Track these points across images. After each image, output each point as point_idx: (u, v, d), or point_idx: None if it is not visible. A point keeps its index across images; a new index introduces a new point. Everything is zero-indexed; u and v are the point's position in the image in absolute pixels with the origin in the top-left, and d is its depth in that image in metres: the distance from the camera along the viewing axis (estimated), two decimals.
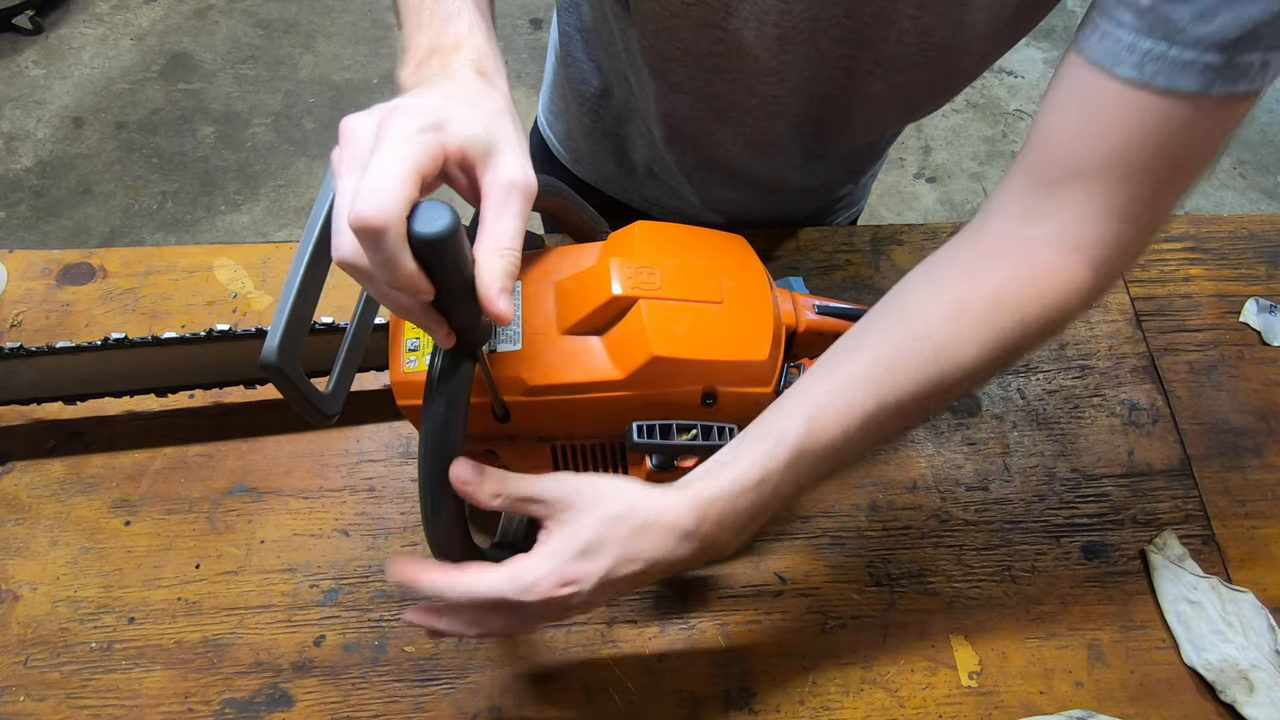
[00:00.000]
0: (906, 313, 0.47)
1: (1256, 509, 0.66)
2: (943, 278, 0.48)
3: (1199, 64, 0.39)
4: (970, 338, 0.45)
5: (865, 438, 0.45)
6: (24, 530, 0.62)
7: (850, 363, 0.46)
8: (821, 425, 0.44)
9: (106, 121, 2.04)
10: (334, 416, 0.46)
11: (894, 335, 0.46)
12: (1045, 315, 0.46)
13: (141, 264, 0.73)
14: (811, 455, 0.44)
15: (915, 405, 0.45)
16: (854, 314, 0.59)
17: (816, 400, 0.45)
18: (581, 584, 0.42)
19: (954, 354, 0.45)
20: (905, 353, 0.45)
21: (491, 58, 0.43)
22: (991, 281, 0.46)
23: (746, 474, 0.44)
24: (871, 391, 0.45)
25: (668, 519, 0.43)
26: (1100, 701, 0.58)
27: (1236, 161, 2.09)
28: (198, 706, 0.56)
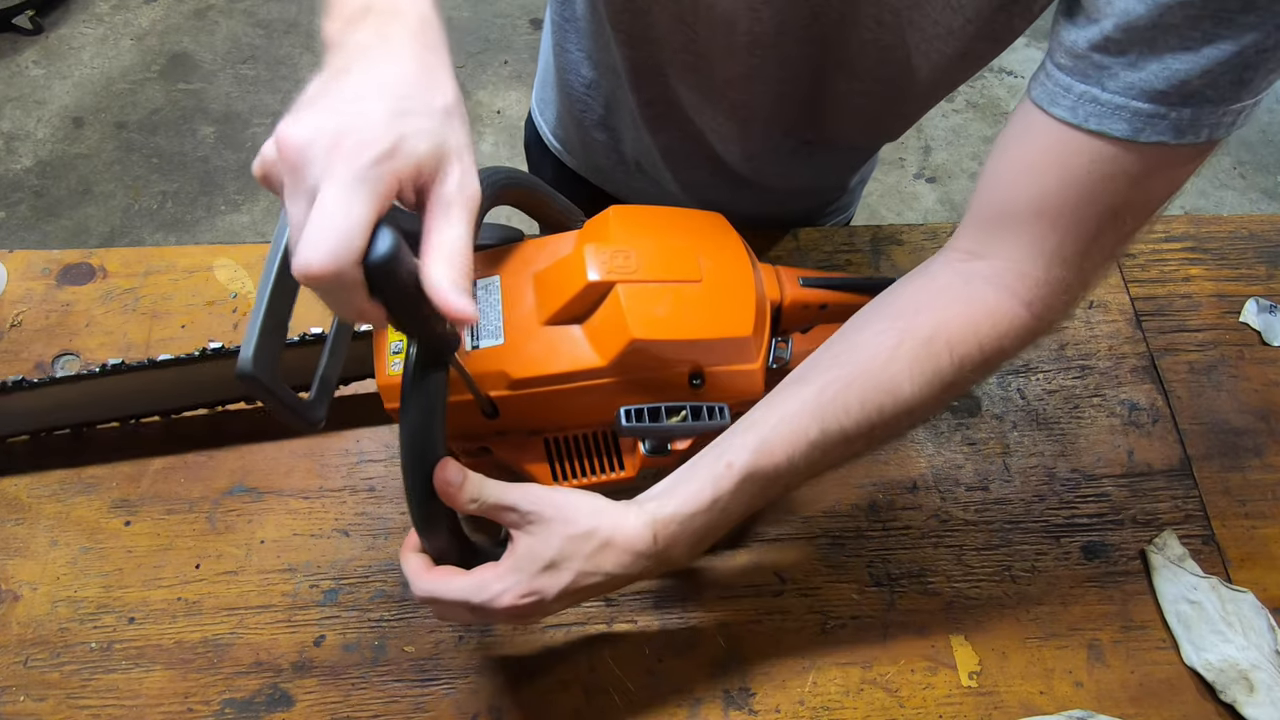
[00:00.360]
0: (852, 349, 0.49)
1: (1256, 509, 0.66)
2: (887, 315, 0.50)
3: (1128, 110, 0.40)
4: (906, 373, 0.47)
5: (810, 464, 0.47)
6: (24, 530, 0.62)
7: (797, 395, 0.48)
8: (768, 451, 0.47)
9: (106, 121, 2.04)
10: (319, 423, 0.46)
11: (838, 369, 0.48)
12: (981, 353, 0.47)
13: (141, 264, 0.73)
14: (759, 479, 0.47)
15: (859, 434, 0.47)
16: (841, 284, 0.59)
17: (764, 429, 0.47)
18: (543, 595, 0.45)
19: (892, 389, 0.47)
20: (847, 385, 0.47)
21: (435, 26, 0.41)
22: (929, 320, 0.48)
23: (698, 497, 0.47)
24: (815, 420, 0.47)
25: (625, 538, 0.46)
26: (1100, 701, 0.58)
27: (1236, 161, 2.09)
28: (198, 706, 0.56)
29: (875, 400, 0.47)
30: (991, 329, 0.47)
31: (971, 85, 2.21)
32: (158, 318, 0.71)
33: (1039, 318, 0.48)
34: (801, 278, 0.59)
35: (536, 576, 0.45)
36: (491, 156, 2.03)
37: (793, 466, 0.47)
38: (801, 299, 0.58)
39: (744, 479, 0.46)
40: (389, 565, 0.61)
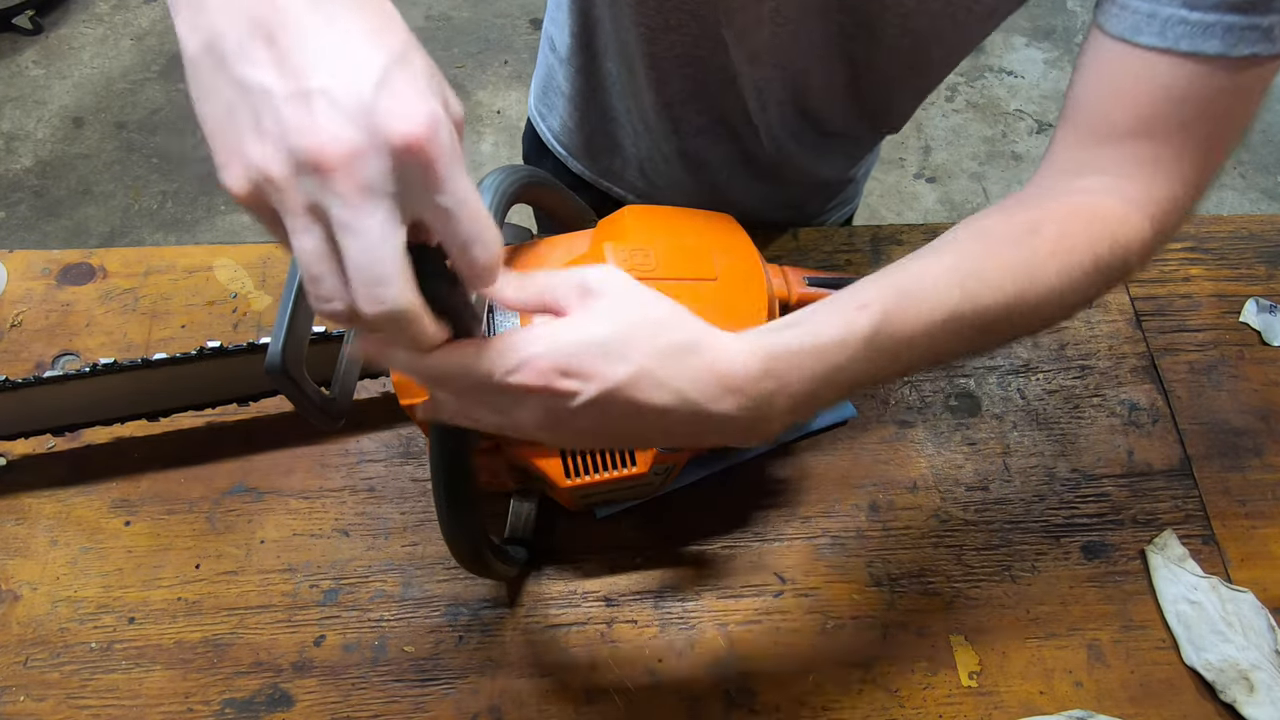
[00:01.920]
0: (985, 232, 0.45)
1: (1256, 509, 0.66)
2: (1009, 209, 0.46)
3: (1220, 25, 0.41)
4: (1048, 257, 0.43)
5: (946, 338, 0.41)
6: (24, 530, 0.62)
7: (931, 263, 0.42)
8: (908, 307, 0.40)
9: (106, 121, 2.04)
10: (341, 420, 0.46)
11: (976, 245, 0.44)
12: (1113, 256, 0.45)
13: (141, 264, 0.73)
14: (892, 338, 0.39)
15: (998, 318, 0.42)
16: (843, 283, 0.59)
17: (904, 279, 0.41)
18: (587, 382, 0.34)
19: (1033, 270, 0.43)
20: (988, 260, 0.43)
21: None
22: (1061, 213, 0.45)
23: (826, 331, 0.38)
24: (958, 290, 0.41)
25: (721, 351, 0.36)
26: (1100, 701, 0.58)
27: (1236, 161, 2.09)
28: (198, 706, 0.56)
29: (1017, 282, 0.42)
30: (1123, 235, 0.45)
31: (971, 85, 2.21)
32: (158, 318, 0.71)
33: (1159, 232, 0.46)
34: (807, 277, 0.59)
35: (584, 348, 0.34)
36: (491, 156, 2.03)
37: (930, 335, 0.40)
38: (808, 298, 0.58)
39: (879, 325, 0.39)
40: (389, 565, 0.61)
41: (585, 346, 0.34)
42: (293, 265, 0.40)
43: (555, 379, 0.34)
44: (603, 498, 0.59)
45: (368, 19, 0.29)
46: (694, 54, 0.62)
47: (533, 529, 0.59)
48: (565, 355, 0.34)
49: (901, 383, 0.70)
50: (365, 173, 0.27)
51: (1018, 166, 2.07)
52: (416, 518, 0.63)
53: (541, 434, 0.37)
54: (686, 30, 0.60)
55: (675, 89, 0.66)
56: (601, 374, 0.34)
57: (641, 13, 0.60)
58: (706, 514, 0.64)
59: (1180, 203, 0.46)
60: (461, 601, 0.60)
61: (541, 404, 0.35)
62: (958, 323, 0.41)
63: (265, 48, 0.27)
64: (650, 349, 0.35)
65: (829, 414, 0.68)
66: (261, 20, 0.27)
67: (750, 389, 0.37)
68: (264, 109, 0.27)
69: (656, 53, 0.62)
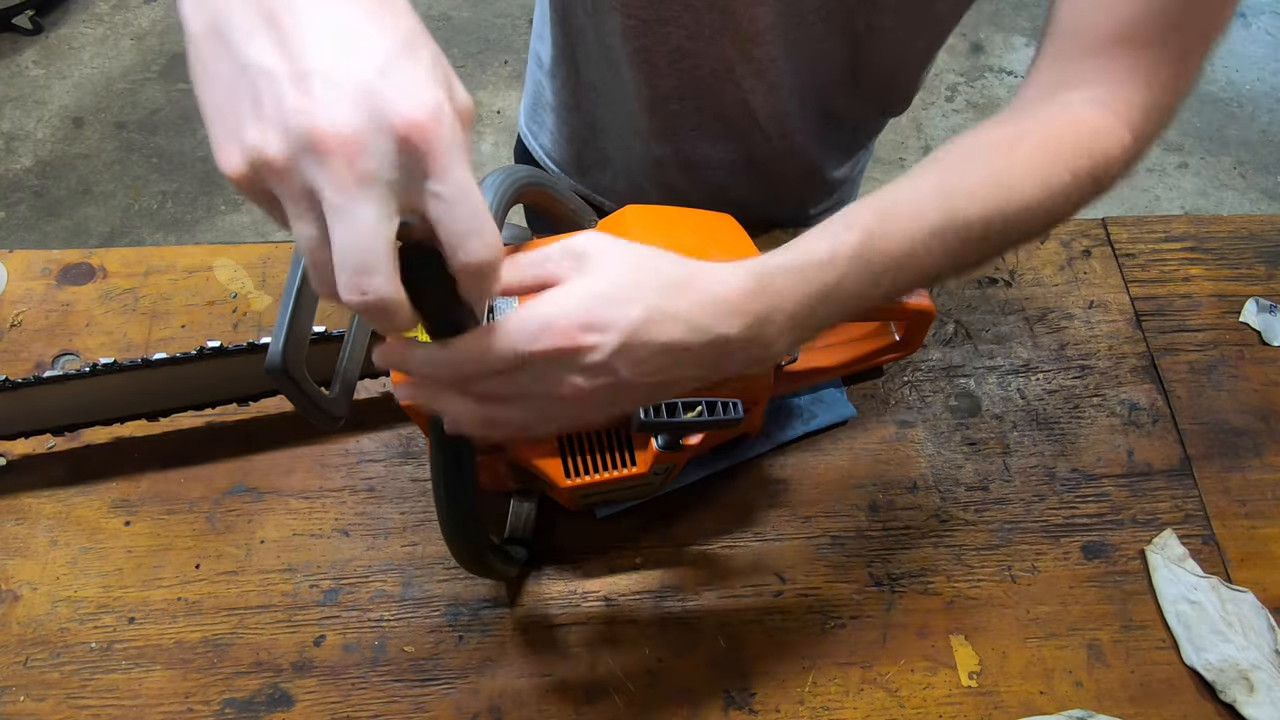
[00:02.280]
0: (969, 151, 0.46)
1: (1256, 509, 0.66)
2: (992, 124, 0.48)
3: None
4: (1028, 169, 0.44)
5: (930, 255, 0.42)
6: (24, 530, 0.62)
7: (915, 181, 0.44)
8: (892, 222, 0.41)
9: (106, 121, 2.04)
10: (341, 420, 0.46)
11: (957, 164, 0.45)
12: (1092, 166, 0.46)
13: (141, 264, 0.73)
14: (879, 253, 0.41)
15: (980, 233, 0.43)
16: None
17: (885, 201, 0.42)
18: (608, 332, 0.35)
19: (1013, 184, 0.44)
20: (968, 177, 0.44)
21: None
22: (1040, 127, 0.46)
23: (814, 251, 0.40)
24: (939, 206, 0.42)
25: (717, 277, 0.38)
26: (1100, 701, 0.58)
27: (1236, 161, 2.09)
28: (198, 706, 0.56)
29: (996, 197, 0.43)
30: (1102, 146, 0.46)
31: (971, 85, 2.21)
32: (158, 318, 0.71)
33: (1139, 139, 0.47)
34: None
35: (596, 302, 0.35)
36: (491, 156, 2.03)
37: (913, 252, 0.42)
38: None
39: (864, 242, 0.40)
40: (389, 565, 0.61)
41: (596, 299, 0.35)
42: (292, 266, 0.40)
43: (579, 335, 0.35)
44: (603, 498, 0.59)
45: (375, 5, 0.28)
46: (689, 46, 0.62)
47: (533, 529, 0.59)
48: (581, 311, 0.35)
49: (901, 382, 0.70)
50: (363, 158, 0.27)
51: None
52: (416, 518, 0.63)
53: (570, 411, 0.38)
54: (680, 22, 0.60)
55: (669, 85, 0.66)
56: (618, 320, 0.35)
57: (633, 6, 0.60)
58: (706, 514, 0.64)
59: (1161, 108, 0.47)
60: (461, 601, 0.60)
61: (567, 372, 0.36)
62: (940, 238, 0.42)
63: (268, 30, 0.27)
64: (655, 288, 0.36)
65: (829, 414, 0.68)
66: (266, 3, 0.27)
67: (749, 307, 0.38)
68: (264, 91, 0.27)
69: (649, 46, 0.62)
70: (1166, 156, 2.09)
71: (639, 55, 0.64)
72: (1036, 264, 0.77)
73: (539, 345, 0.34)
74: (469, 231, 0.30)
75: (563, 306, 0.35)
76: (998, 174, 0.44)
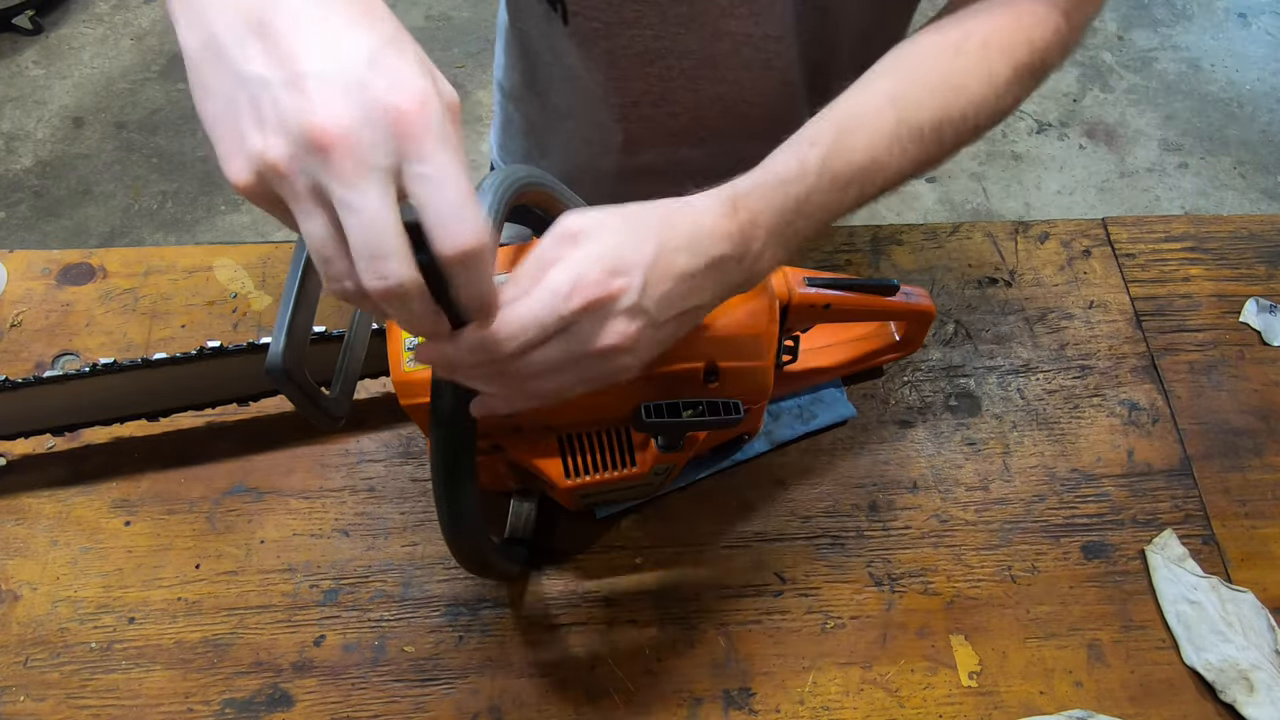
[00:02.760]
0: (908, 56, 0.49)
1: (1256, 509, 0.66)
2: (933, 29, 0.50)
3: None
4: (970, 68, 0.47)
5: (891, 160, 0.45)
6: (24, 530, 0.62)
7: (868, 92, 0.47)
8: (851, 135, 0.44)
9: (106, 121, 2.04)
10: (341, 420, 0.46)
11: (901, 72, 0.48)
12: (1032, 59, 0.48)
13: (141, 264, 0.73)
14: (844, 163, 0.44)
15: (934, 136, 0.46)
16: (845, 284, 0.59)
17: (842, 116, 0.45)
18: (630, 273, 0.37)
19: (961, 84, 0.47)
20: (915, 83, 0.47)
21: None
22: (981, 25, 0.48)
23: (781, 167, 0.43)
24: (894, 115, 0.45)
25: (694, 206, 0.40)
26: (1100, 701, 0.58)
27: (1236, 161, 2.09)
28: (198, 706, 0.56)
29: (944, 97, 0.46)
30: (1040, 34, 0.48)
31: None
32: (158, 318, 0.71)
33: (1074, 27, 0.49)
34: (806, 278, 0.59)
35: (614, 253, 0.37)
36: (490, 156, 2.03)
37: (872, 155, 0.44)
38: (808, 299, 0.58)
39: (828, 155, 0.43)
40: (389, 565, 0.61)
41: (611, 249, 0.37)
42: (292, 266, 0.40)
43: (609, 281, 0.36)
44: (603, 498, 0.59)
45: (357, 7, 0.30)
46: (656, 46, 0.62)
47: (533, 529, 0.59)
48: (603, 261, 0.37)
49: (901, 382, 0.70)
50: (362, 148, 0.28)
51: (1018, 166, 2.07)
52: (416, 518, 0.63)
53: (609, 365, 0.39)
54: (644, 23, 0.60)
55: (638, 89, 0.66)
56: (637, 261, 0.37)
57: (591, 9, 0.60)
58: (706, 514, 0.64)
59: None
60: (461, 601, 0.60)
61: (606, 320, 0.37)
62: (899, 143, 0.45)
63: (260, 41, 0.28)
64: (652, 229, 0.39)
65: (829, 414, 0.68)
66: (256, 16, 0.29)
67: (730, 227, 0.40)
68: (262, 98, 0.28)
69: (613, 50, 0.62)
70: (1166, 156, 2.09)
71: (605, 60, 0.64)
72: (1036, 264, 0.77)
73: (574, 303, 0.36)
74: (452, 214, 0.30)
75: (584, 263, 0.36)
76: (946, 76, 0.47)
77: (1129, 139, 2.12)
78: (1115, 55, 2.27)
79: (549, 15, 0.63)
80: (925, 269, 0.76)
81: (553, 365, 0.38)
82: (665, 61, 0.63)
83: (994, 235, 0.78)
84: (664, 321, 0.40)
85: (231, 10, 0.29)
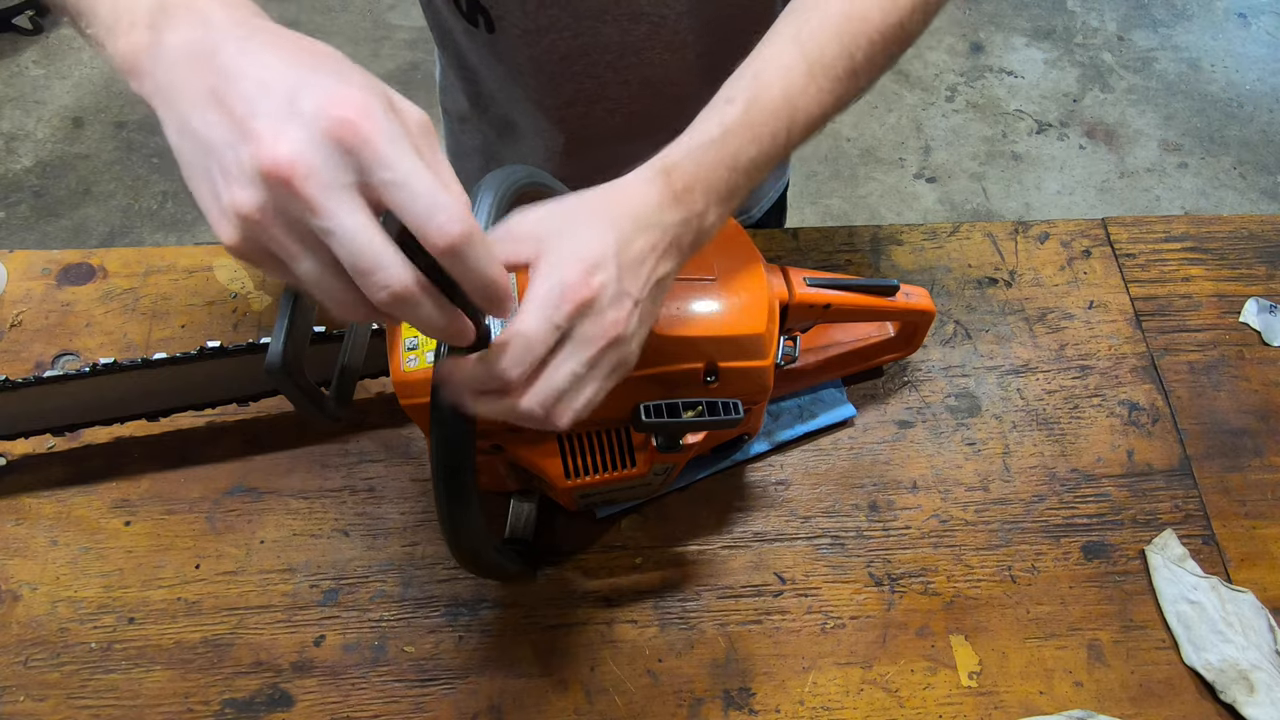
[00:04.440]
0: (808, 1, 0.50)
1: (1256, 509, 0.66)
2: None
3: None
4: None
5: (811, 100, 0.47)
6: (24, 530, 0.62)
7: (774, 40, 0.48)
8: (766, 85, 0.46)
9: (106, 121, 2.04)
10: (341, 420, 0.46)
11: (804, 13, 0.49)
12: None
13: (141, 264, 0.73)
14: (765, 113, 0.45)
15: (847, 68, 0.48)
16: (845, 285, 0.60)
17: (755, 68, 0.47)
18: (605, 266, 0.39)
19: (862, 13, 0.48)
20: (819, 21, 0.48)
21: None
22: None
23: (705, 129, 0.45)
24: (801, 56, 0.47)
25: (630, 184, 0.43)
26: (1100, 701, 0.58)
27: (1237, 161, 2.09)
28: (198, 706, 0.56)
29: (850, 29, 0.48)
30: None
31: (971, 85, 2.21)
32: (158, 318, 0.71)
33: None
34: (806, 278, 0.59)
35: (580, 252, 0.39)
36: None
37: (790, 100, 0.46)
38: (808, 299, 0.58)
39: (746, 107, 0.45)
40: (389, 565, 0.61)
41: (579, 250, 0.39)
42: None
43: (589, 280, 0.38)
44: (603, 498, 0.59)
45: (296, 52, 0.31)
46: (575, 45, 0.63)
47: (533, 529, 0.59)
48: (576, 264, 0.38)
49: (901, 382, 0.70)
50: (319, 169, 0.29)
51: (1018, 166, 2.07)
52: (416, 518, 0.63)
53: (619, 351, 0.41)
54: (558, 27, 0.61)
55: (570, 91, 0.66)
56: (604, 252, 0.39)
57: (510, 17, 0.61)
58: (706, 514, 0.64)
59: None
60: (461, 601, 0.60)
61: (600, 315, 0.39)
62: (814, 82, 0.47)
63: (217, 109, 0.30)
64: (603, 216, 0.41)
65: (829, 414, 0.68)
66: (213, 88, 0.30)
67: (668, 194, 0.43)
68: (226, 157, 0.30)
69: (536, 58, 0.63)
70: (1166, 156, 2.09)
71: (532, 66, 0.65)
72: (1036, 264, 0.77)
73: (566, 308, 0.38)
74: (427, 209, 0.30)
75: (561, 268, 0.38)
76: (845, 6, 0.48)
77: (1129, 139, 2.12)
78: (1115, 55, 2.27)
79: (470, 30, 0.64)
80: (925, 269, 0.76)
81: (572, 377, 0.39)
82: (589, 57, 0.64)
83: (994, 235, 0.78)
84: (645, 298, 0.42)
85: (193, 90, 0.31)
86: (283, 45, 0.31)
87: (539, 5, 0.60)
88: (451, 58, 0.71)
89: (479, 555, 0.49)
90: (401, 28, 2.21)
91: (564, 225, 0.40)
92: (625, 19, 0.61)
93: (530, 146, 0.73)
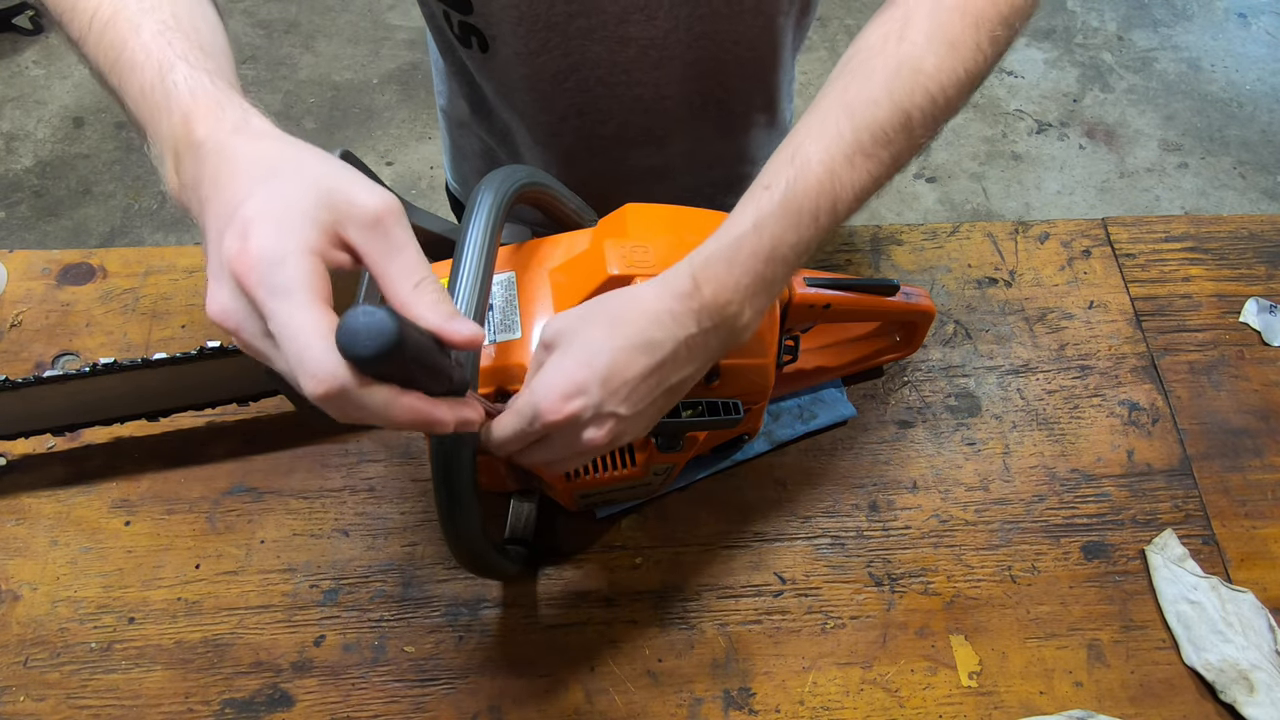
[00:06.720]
0: (859, 54, 0.45)
1: (1256, 509, 0.66)
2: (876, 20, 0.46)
3: None
4: (924, 51, 0.43)
5: (858, 172, 0.42)
6: (24, 530, 0.62)
7: (820, 109, 0.44)
8: (806, 162, 0.42)
9: (106, 121, 2.04)
10: None
11: (854, 73, 0.44)
12: (999, 11, 0.44)
13: (141, 264, 0.73)
14: (805, 195, 0.41)
15: (896, 127, 0.43)
16: (845, 284, 0.60)
17: (795, 145, 0.43)
18: (586, 392, 0.39)
19: (914, 69, 0.43)
20: (868, 78, 0.43)
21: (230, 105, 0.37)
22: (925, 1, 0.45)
23: (738, 223, 0.42)
24: (849, 123, 0.42)
25: (653, 293, 0.41)
26: (1100, 701, 0.58)
27: (1237, 161, 2.09)
28: (198, 706, 0.56)
29: (899, 86, 0.42)
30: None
31: None
32: (158, 318, 0.71)
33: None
34: (806, 278, 0.59)
35: (566, 372, 0.40)
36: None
37: (833, 173, 0.42)
38: (808, 299, 0.58)
39: (785, 195, 0.41)
40: (389, 565, 0.61)
41: (566, 369, 0.40)
42: None
43: (564, 406, 0.39)
44: (603, 498, 0.59)
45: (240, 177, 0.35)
46: (565, 64, 0.63)
47: (533, 529, 0.59)
48: (557, 386, 0.40)
49: (901, 382, 0.70)
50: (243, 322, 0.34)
51: (1018, 166, 2.07)
52: (416, 518, 0.63)
53: (600, 450, 0.43)
54: (549, 48, 0.61)
55: (564, 105, 0.67)
56: (589, 377, 0.40)
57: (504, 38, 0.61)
58: (706, 514, 0.64)
59: None
60: (461, 601, 0.60)
61: (577, 431, 0.41)
62: (861, 152, 0.42)
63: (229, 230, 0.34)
64: (607, 330, 0.40)
65: (829, 414, 0.68)
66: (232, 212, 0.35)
67: (693, 305, 0.41)
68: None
69: (529, 76, 0.64)
70: (1166, 156, 2.09)
71: (525, 84, 0.65)
72: (1036, 264, 0.77)
73: (537, 427, 0.40)
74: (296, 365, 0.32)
75: (543, 388, 0.40)
76: (896, 67, 0.43)
77: (1129, 139, 2.12)
78: (1115, 55, 2.27)
79: (467, 49, 0.65)
80: (925, 269, 0.76)
81: (546, 460, 0.44)
82: (579, 74, 0.64)
83: (994, 235, 0.78)
84: (639, 411, 0.42)
85: (220, 216, 0.35)
86: (237, 173, 0.35)
87: (530, 29, 0.60)
88: (453, 67, 0.71)
89: (479, 555, 0.49)
90: (401, 28, 2.21)
91: (571, 339, 0.41)
92: (614, 41, 0.62)
93: (530, 155, 0.74)
